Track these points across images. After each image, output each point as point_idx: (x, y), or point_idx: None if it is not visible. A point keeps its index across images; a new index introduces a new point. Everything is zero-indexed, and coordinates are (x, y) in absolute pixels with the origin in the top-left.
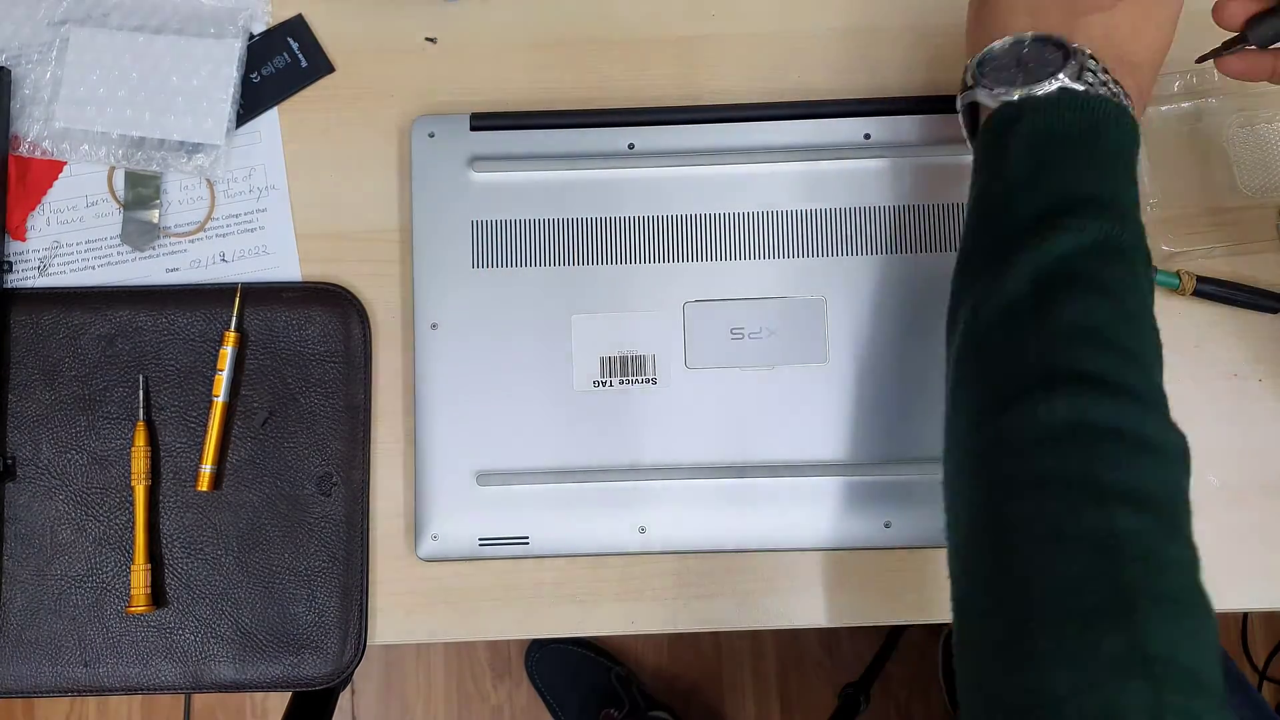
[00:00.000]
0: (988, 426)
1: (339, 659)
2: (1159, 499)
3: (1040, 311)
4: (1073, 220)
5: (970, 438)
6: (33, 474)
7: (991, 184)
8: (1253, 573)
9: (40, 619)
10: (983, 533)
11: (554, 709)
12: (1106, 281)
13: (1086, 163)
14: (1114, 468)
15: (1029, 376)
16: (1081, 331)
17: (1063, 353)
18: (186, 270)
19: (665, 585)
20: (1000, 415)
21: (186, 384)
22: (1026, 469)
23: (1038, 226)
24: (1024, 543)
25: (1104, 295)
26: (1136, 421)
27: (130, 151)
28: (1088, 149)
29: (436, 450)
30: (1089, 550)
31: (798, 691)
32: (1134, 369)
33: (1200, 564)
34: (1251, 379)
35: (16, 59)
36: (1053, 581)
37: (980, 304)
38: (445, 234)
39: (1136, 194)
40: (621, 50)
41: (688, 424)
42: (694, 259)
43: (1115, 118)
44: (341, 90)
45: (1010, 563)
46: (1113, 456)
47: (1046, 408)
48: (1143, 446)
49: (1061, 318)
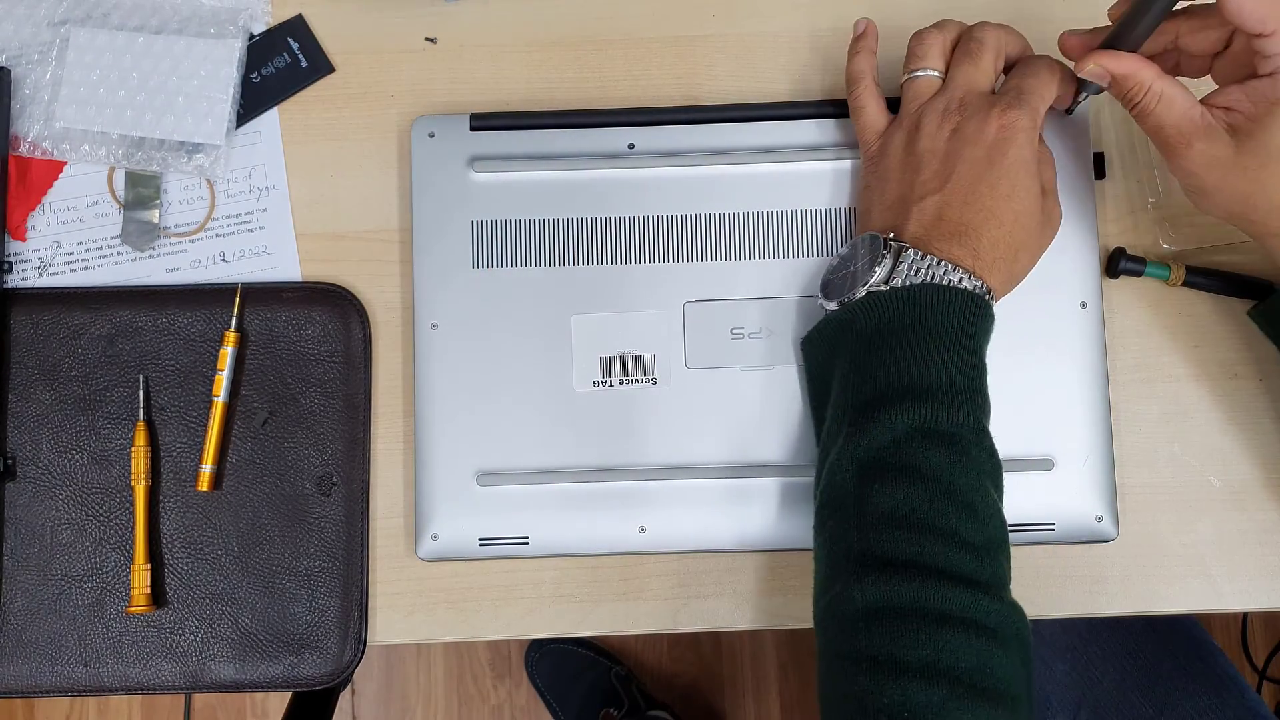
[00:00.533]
0: (823, 596)
1: (339, 659)
2: (957, 670)
3: (860, 500)
4: (886, 412)
5: (819, 597)
6: (33, 474)
7: (839, 377)
8: (1253, 573)
9: (40, 619)
10: (819, 699)
11: (554, 709)
12: (921, 466)
13: (908, 352)
14: (914, 646)
15: (850, 560)
16: (892, 519)
17: (875, 540)
18: (186, 270)
19: (665, 585)
20: (829, 591)
21: (186, 384)
22: (847, 646)
23: (859, 419)
24: (838, 716)
25: (918, 480)
26: (938, 600)
27: (130, 151)
28: (912, 337)
29: (436, 450)
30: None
31: (798, 691)
32: (946, 549)
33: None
34: (1251, 379)
35: (16, 59)
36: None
37: (825, 482)
38: (445, 234)
39: (969, 371)
40: (621, 50)
41: (688, 424)
42: (694, 259)
43: (937, 301)
44: (341, 90)
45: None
46: (912, 635)
47: (860, 591)
48: (944, 622)
49: (878, 506)
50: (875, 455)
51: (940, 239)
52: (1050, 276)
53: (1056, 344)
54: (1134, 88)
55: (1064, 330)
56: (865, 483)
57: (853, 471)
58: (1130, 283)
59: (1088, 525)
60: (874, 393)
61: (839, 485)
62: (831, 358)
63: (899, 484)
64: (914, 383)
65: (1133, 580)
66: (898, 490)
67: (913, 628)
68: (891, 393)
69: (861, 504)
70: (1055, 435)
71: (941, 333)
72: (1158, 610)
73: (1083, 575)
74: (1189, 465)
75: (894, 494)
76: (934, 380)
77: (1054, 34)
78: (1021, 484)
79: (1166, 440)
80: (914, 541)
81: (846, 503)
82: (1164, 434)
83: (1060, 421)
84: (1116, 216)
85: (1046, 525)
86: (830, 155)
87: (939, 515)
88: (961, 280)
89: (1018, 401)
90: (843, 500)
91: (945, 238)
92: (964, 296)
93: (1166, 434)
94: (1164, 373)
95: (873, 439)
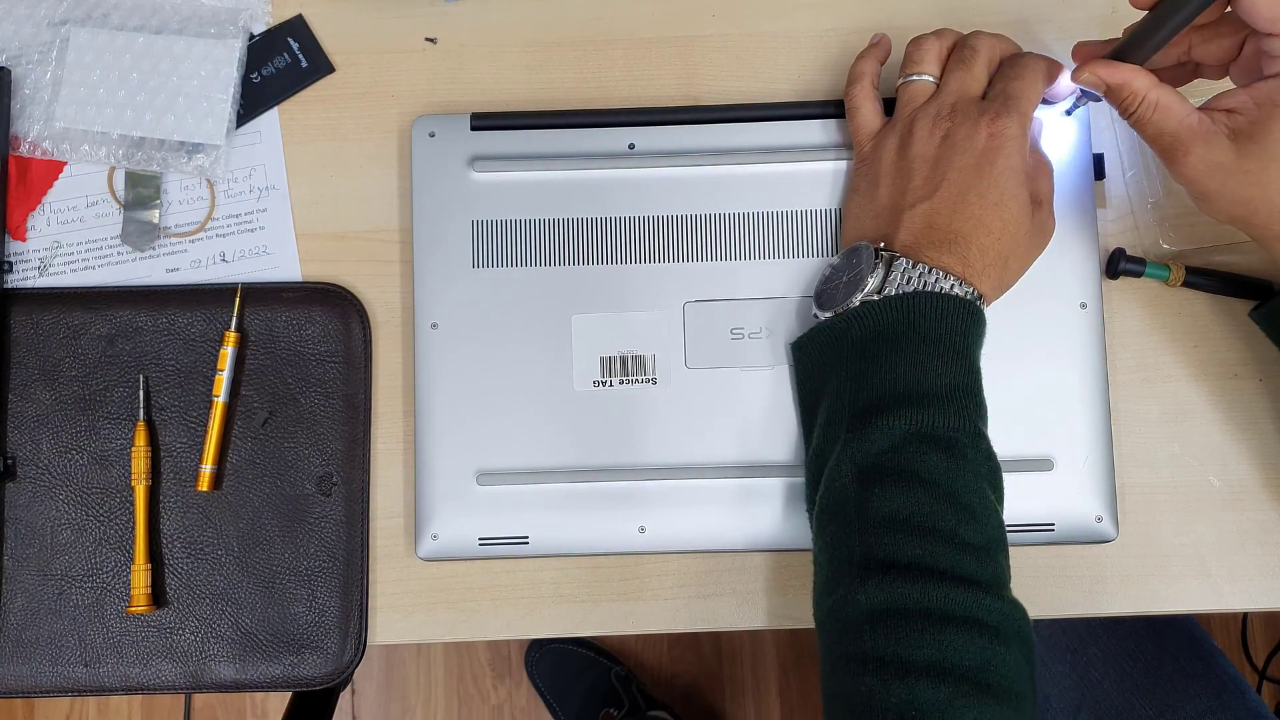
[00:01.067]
0: (826, 599)
1: (339, 659)
2: (961, 668)
3: (861, 505)
4: (883, 418)
5: (821, 600)
6: (33, 474)
7: (834, 383)
8: (1253, 573)
9: (40, 619)
10: (824, 700)
11: (554, 709)
12: (919, 471)
13: (904, 359)
14: (918, 646)
15: (852, 564)
16: (893, 523)
17: (876, 544)
18: (187, 270)
19: (665, 585)
20: (832, 594)
21: (186, 384)
22: (852, 647)
23: (857, 425)
24: (846, 715)
25: (917, 484)
26: (941, 600)
27: (130, 151)
28: (906, 344)
29: (436, 450)
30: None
31: (798, 692)
32: (947, 550)
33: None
34: (1251, 379)
35: (16, 59)
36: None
37: (824, 488)
38: (445, 234)
39: (964, 376)
40: (622, 50)
41: (688, 424)
42: (694, 259)
43: (930, 309)
44: (341, 90)
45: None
46: (917, 635)
47: (864, 594)
48: (947, 622)
49: (879, 511)
50: (874, 461)
51: (930, 247)
52: (1050, 277)
53: (1056, 344)
54: (1129, 96)
55: (1064, 330)
56: (865, 488)
57: (852, 477)
58: (1130, 283)
59: (1088, 525)
60: (871, 399)
61: (838, 490)
62: (823, 364)
63: (899, 488)
64: (910, 389)
65: (1132, 580)
66: (897, 494)
67: (917, 628)
68: (888, 399)
69: (862, 509)
70: (1055, 435)
71: (935, 339)
72: (1158, 610)
73: (1083, 575)
74: (1189, 465)
75: (894, 498)
76: (930, 386)
77: (1053, 36)
78: (1021, 484)
79: (1166, 440)
80: (915, 544)
81: (847, 508)
82: (1164, 434)
83: (1060, 422)
84: (1116, 216)
85: (1046, 525)
86: (831, 155)
87: (939, 518)
88: (953, 287)
89: (1018, 402)
90: (843, 505)
91: (935, 246)
92: (956, 303)
93: (1166, 434)
94: (1164, 373)
95: (871, 444)
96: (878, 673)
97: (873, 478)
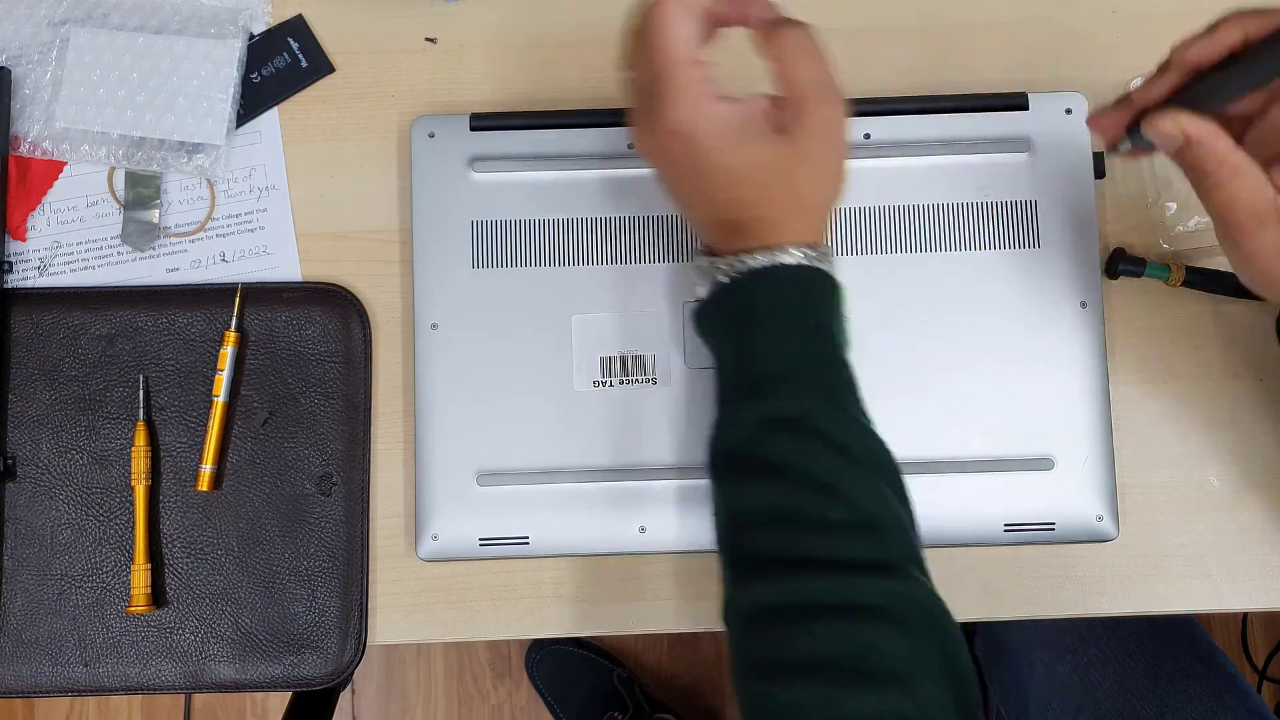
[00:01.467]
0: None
1: (339, 659)
2: (835, 659)
3: (724, 505)
4: (733, 410)
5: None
6: (33, 474)
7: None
8: (1253, 573)
9: (40, 619)
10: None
11: (555, 711)
12: (771, 458)
13: (742, 344)
14: (791, 644)
15: (726, 567)
16: (752, 518)
17: (740, 543)
18: (186, 270)
19: (665, 585)
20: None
21: (186, 384)
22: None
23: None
24: None
25: (770, 474)
26: (806, 592)
27: (130, 151)
28: (744, 329)
29: (436, 450)
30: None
31: None
32: (810, 537)
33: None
34: (1251, 379)
35: (16, 59)
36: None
37: None
38: (445, 234)
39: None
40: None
41: (688, 424)
42: (694, 259)
43: (762, 287)
44: (341, 90)
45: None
46: (787, 633)
47: (738, 597)
48: (818, 613)
49: (737, 508)
50: (729, 455)
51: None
52: (1050, 276)
53: (1056, 344)
54: (1209, 157)
55: (1064, 330)
56: (723, 486)
57: (713, 476)
58: (1130, 283)
59: (1088, 525)
60: (724, 393)
61: (710, 491)
62: None
63: (752, 481)
64: (751, 375)
65: (1133, 580)
66: (752, 488)
67: (787, 625)
68: (734, 390)
69: (726, 507)
70: (1055, 435)
71: (770, 318)
72: (1158, 610)
73: (1083, 575)
74: (1189, 465)
75: (749, 493)
76: (769, 368)
77: (1053, 37)
78: (1021, 484)
79: (1166, 440)
80: (776, 537)
81: (716, 509)
82: (1164, 434)
83: (1060, 421)
84: (1116, 216)
85: (1046, 525)
86: None
87: (798, 504)
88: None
89: (1017, 401)
90: (714, 506)
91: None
92: (790, 274)
93: (1166, 434)
94: (1164, 373)
95: (726, 439)
96: (760, 678)
97: (728, 475)
